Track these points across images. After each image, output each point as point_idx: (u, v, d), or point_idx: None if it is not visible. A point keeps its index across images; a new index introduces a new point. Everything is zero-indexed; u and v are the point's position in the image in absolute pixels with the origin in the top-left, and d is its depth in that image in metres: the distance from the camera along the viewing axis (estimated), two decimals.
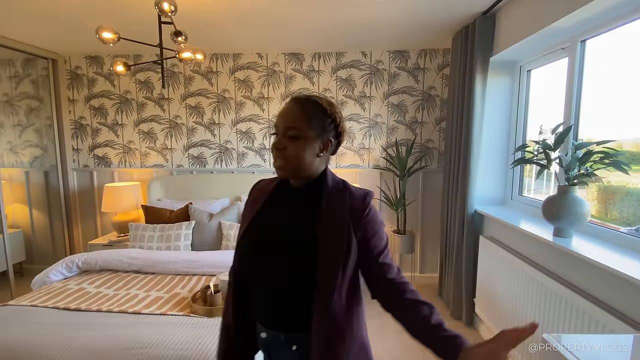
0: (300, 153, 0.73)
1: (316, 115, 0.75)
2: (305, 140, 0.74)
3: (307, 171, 0.77)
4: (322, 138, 0.76)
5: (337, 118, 0.79)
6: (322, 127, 0.76)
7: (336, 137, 0.80)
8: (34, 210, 3.36)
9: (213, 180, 3.01)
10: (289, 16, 2.12)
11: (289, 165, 0.74)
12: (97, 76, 3.18)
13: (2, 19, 2.26)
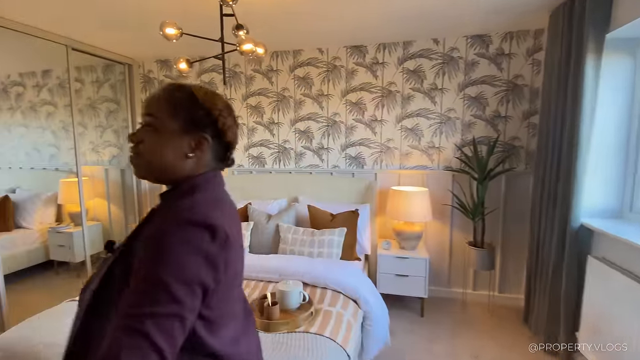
0: (155, 148, 0.60)
1: (184, 104, 0.61)
2: (164, 133, 0.60)
3: (169, 174, 0.62)
4: (193, 134, 0.61)
5: (214, 111, 0.62)
6: (192, 120, 0.61)
7: (217, 135, 0.64)
8: (112, 205, 3.64)
9: (271, 180, 2.94)
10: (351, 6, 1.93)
11: (142, 162, 0.61)
12: (166, 79, 3.32)
13: (85, 28, 2.42)
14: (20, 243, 3.15)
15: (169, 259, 0.50)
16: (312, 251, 2.15)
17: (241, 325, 0.67)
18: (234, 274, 0.61)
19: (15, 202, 3.30)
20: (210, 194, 0.62)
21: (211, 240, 0.54)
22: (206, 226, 0.54)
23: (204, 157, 0.64)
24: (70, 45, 2.69)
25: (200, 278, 0.52)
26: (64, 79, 3.63)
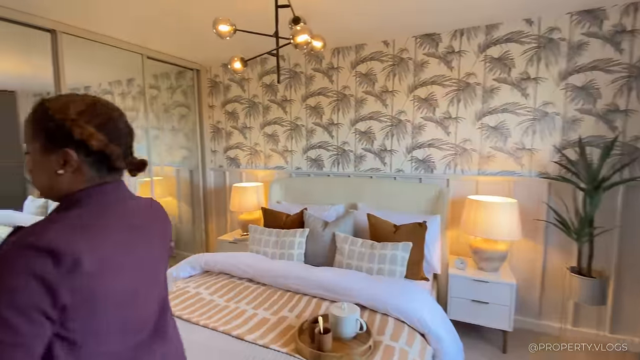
0: (32, 171, 0.63)
1: (39, 122, 0.60)
2: (34, 155, 0.61)
3: (52, 193, 0.63)
4: (56, 151, 0.60)
5: (66, 122, 0.59)
6: (49, 136, 0.59)
7: (80, 145, 0.60)
8: (182, 204, 3.87)
9: (329, 184, 2.78)
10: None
11: (34, 185, 0.64)
12: (231, 83, 3.38)
13: (157, 37, 2.55)
14: None
15: (1, 285, 0.49)
16: (372, 267, 1.92)
17: (142, 343, 0.64)
18: (108, 293, 0.57)
19: None
20: (87, 210, 0.60)
21: (53, 266, 0.50)
22: (48, 251, 0.50)
23: (80, 172, 0.61)
24: (146, 54, 2.87)
25: (37, 305, 0.49)
26: (143, 87, 3.97)
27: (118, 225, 0.62)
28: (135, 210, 0.68)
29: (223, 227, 3.64)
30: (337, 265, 2.04)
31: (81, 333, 0.55)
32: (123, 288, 0.60)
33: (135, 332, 0.64)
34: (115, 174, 0.67)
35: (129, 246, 0.62)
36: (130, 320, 0.63)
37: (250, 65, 3.21)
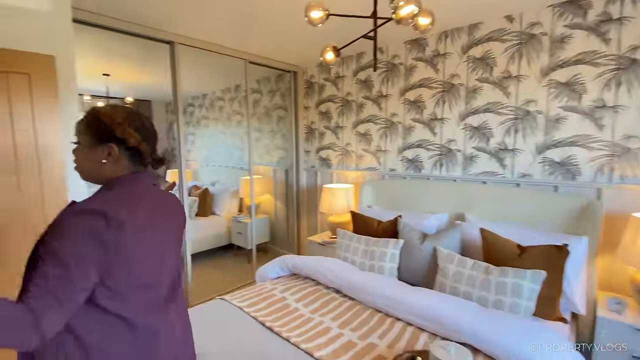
0: (81, 160, 0.80)
1: (92, 123, 0.79)
2: (84, 147, 0.79)
3: (94, 177, 0.81)
4: (102, 145, 0.78)
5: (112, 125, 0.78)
6: (98, 134, 0.78)
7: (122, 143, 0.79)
8: (277, 202, 4.00)
9: (429, 189, 2.42)
10: None
11: (78, 170, 0.82)
12: (325, 82, 3.31)
13: (260, 40, 2.63)
14: (213, 227, 3.86)
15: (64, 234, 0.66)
16: (486, 297, 1.53)
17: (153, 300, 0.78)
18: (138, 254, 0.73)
19: (212, 194, 4.10)
20: (123, 191, 0.76)
21: (105, 225, 0.68)
22: (101, 213, 0.68)
23: (119, 163, 0.80)
24: (248, 59, 3.01)
25: (90, 254, 0.66)
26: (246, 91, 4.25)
27: (147, 205, 0.79)
28: (159, 196, 0.86)
29: (313, 227, 3.61)
30: (439, 288, 1.70)
31: (117, 284, 0.71)
32: (150, 253, 0.77)
33: (155, 291, 0.79)
34: (144, 166, 0.85)
35: (155, 221, 0.80)
36: (151, 281, 0.78)
37: (346, 62, 3.08)
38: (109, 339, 0.71)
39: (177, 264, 0.89)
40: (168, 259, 0.84)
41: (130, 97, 4.49)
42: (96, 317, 0.70)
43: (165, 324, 0.80)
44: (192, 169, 5.18)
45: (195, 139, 5.15)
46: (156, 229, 0.80)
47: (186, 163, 5.44)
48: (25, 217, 1.63)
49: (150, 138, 0.85)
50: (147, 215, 0.78)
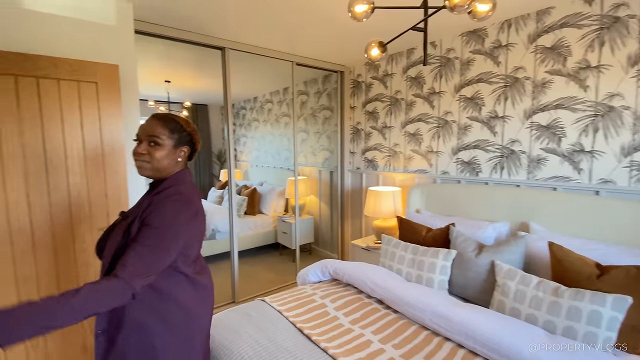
0: (160, 157, 0.97)
1: (176, 129, 1.01)
2: (165, 147, 0.98)
3: (165, 172, 1.00)
4: (181, 147, 1.02)
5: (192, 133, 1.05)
6: (180, 139, 1.02)
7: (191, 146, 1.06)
8: (322, 203, 3.98)
9: (488, 194, 2.19)
10: None
11: (150, 166, 0.98)
12: (373, 80, 3.20)
13: (307, 41, 2.61)
14: (260, 226, 3.96)
15: (164, 217, 0.91)
16: (554, 322, 1.32)
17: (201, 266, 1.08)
18: (199, 233, 1.02)
19: (260, 193, 4.21)
20: (187, 182, 1.03)
21: (189, 208, 0.96)
22: (187, 200, 0.96)
23: (184, 161, 1.06)
24: (295, 61, 3.02)
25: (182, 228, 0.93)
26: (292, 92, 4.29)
27: (195, 193, 1.04)
28: (194, 185, 1.08)
29: (358, 231, 3.52)
30: (496, 308, 1.51)
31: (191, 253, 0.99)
32: (201, 230, 1.03)
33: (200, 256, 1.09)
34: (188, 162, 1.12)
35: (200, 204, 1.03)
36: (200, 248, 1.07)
37: (395, 58, 2.94)
38: (175, 287, 0.97)
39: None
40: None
41: (189, 101, 4.80)
42: (170, 275, 0.95)
43: (209, 282, 1.10)
44: (243, 169, 5.39)
45: (246, 140, 5.35)
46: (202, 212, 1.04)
47: (237, 163, 5.68)
48: (91, 208, 1.79)
49: None
50: (198, 198, 1.03)
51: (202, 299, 1.04)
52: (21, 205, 1.60)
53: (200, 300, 1.03)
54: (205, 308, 1.06)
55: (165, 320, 0.95)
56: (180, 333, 0.97)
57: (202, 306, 1.04)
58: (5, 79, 1.54)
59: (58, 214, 1.70)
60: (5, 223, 1.57)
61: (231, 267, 2.76)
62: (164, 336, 0.95)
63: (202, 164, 5.62)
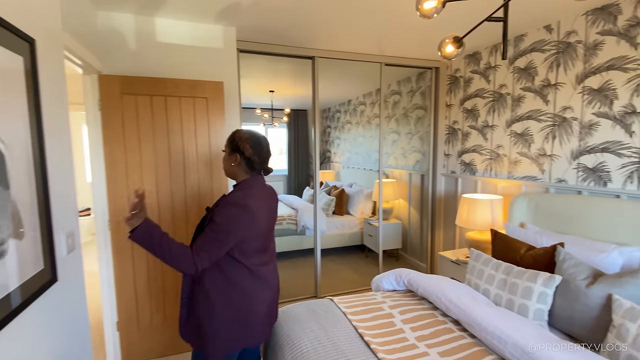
0: (223, 162, 1.33)
1: (230, 140, 1.29)
2: (225, 154, 1.31)
3: (230, 176, 1.32)
4: (234, 155, 1.27)
5: (239, 142, 1.26)
6: (232, 147, 1.28)
7: (242, 155, 1.27)
8: (412, 208, 3.79)
9: (618, 210, 1.72)
10: None
11: (223, 169, 1.34)
12: (473, 75, 2.89)
13: (396, 40, 2.55)
14: (347, 226, 4.04)
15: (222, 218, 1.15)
16: None
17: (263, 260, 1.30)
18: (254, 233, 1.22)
19: (348, 194, 4.28)
20: (247, 189, 1.25)
21: (244, 212, 1.17)
22: (242, 205, 1.17)
23: (240, 167, 1.29)
24: (384, 61, 2.96)
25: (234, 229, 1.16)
26: (387, 94, 4.20)
27: (260, 198, 1.25)
28: (265, 190, 1.32)
29: (450, 241, 3.23)
30: (609, 355, 1.18)
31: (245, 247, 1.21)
32: (261, 229, 1.24)
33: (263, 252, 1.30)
34: (257, 172, 1.32)
35: (263, 209, 1.26)
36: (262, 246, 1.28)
37: (500, 48, 2.58)
38: (236, 273, 1.22)
39: (273, 235, 1.39)
40: (270, 231, 1.34)
41: (289, 107, 5.24)
42: (230, 260, 1.21)
43: (267, 274, 1.30)
44: (335, 170, 5.58)
45: (340, 142, 5.51)
46: (266, 213, 1.27)
47: (330, 164, 5.90)
48: (200, 198, 2.17)
49: (262, 153, 1.29)
50: (262, 204, 1.24)
51: (259, 287, 1.26)
52: (151, 179, 2.06)
53: (258, 288, 1.26)
54: (262, 294, 1.27)
55: (226, 298, 1.20)
56: (237, 310, 1.21)
57: (258, 292, 1.26)
58: (144, 98, 2.00)
59: (176, 199, 2.12)
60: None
61: (314, 264, 2.90)
62: (224, 310, 1.20)
63: (301, 164, 6.04)
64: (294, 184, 6.05)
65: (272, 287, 1.32)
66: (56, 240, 1.07)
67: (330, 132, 5.83)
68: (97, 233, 2.02)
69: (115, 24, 2.00)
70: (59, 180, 1.12)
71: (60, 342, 1.09)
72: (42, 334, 0.98)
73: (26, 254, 0.89)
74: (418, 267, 3.64)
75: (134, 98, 1.98)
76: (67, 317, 1.15)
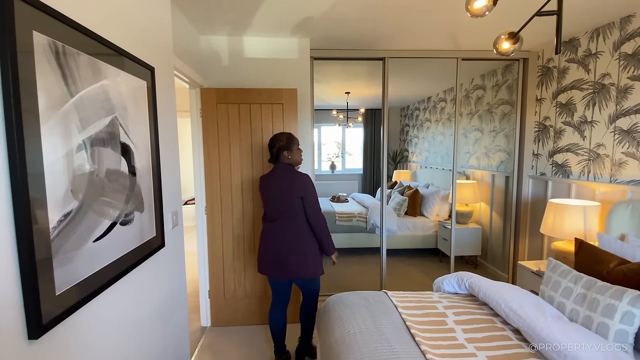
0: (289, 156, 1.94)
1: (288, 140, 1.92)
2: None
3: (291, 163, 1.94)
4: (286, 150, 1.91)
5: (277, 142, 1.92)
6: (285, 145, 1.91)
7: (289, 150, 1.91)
8: (494, 213, 3.50)
9: None
10: None
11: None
12: (570, 64, 2.55)
13: (474, 33, 2.44)
14: (419, 228, 3.95)
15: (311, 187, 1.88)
16: None
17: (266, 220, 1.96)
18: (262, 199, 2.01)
19: (423, 195, 4.17)
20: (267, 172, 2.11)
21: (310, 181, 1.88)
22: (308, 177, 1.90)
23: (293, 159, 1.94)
24: (460, 56, 2.84)
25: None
26: (469, 89, 3.94)
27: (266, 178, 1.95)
28: (272, 173, 1.92)
29: (536, 251, 2.91)
30: None
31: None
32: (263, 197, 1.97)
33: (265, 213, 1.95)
34: (276, 162, 1.94)
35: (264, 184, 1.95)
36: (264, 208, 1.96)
37: (603, 32, 2.24)
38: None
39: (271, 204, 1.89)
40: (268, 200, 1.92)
41: (363, 108, 5.32)
42: None
43: (264, 230, 1.93)
44: (412, 170, 5.45)
45: (417, 141, 5.37)
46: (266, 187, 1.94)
47: (407, 164, 5.79)
48: None
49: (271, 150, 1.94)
50: (265, 181, 1.94)
51: (262, 236, 1.94)
52: (237, 175, 2.44)
53: (262, 238, 1.94)
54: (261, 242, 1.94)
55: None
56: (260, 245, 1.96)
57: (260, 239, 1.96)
58: (234, 106, 2.39)
59: (257, 179, 2.46)
60: (229, 182, 2.44)
61: (380, 262, 2.97)
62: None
63: (375, 163, 6.07)
64: (368, 182, 6.12)
65: (263, 240, 1.92)
66: (165, 217, 1.44)
67: (409, 130, 5.71)
68: (196, 217, 2.49)
69: (213, 45, 2.44)
70: (168, 171, 1.48)
71: (166, 289, 1.46)
72: (153, 281, 1.34)
73: (145, 223, 1.24)
74: (498, 276, 3.36)
75: (226, 106, 2.37)
76: (170, 272, 1.52)
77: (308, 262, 1.83)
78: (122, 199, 1.06)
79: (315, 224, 1.83)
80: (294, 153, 1.91)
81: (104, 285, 0.97)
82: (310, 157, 2.63)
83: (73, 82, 0.83)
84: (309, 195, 1.82)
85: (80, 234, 0.86)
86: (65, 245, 0.80)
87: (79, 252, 0.85)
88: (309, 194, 1.83)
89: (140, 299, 1.23)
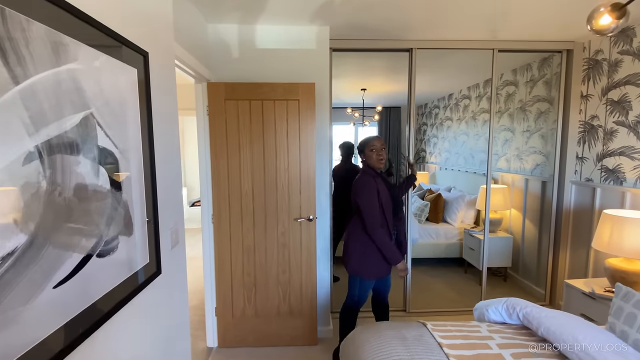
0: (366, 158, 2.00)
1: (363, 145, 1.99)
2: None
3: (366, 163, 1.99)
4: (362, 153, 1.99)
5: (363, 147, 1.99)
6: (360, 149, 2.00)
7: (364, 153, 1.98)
8: (527, 221, 3.19)
9: None
10: None
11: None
12: (623, 56, 2.23)
13: (513, 21, 2.14)
14: (442, 235, 3.64)
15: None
16: None
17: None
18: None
19: (446, 200, 3.86)
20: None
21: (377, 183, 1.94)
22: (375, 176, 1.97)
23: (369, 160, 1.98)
24: (497, 47, 2.53)
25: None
26: (498, 86, 3.62)
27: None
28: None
29: (580, 266, 2.59)
30: None
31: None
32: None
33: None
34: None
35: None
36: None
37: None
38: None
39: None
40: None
41: (380, 105, 5.02)
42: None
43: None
44: (430, 172, 5.13)
45: (437, 141, 5.05)
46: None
47: (425, 165, 5.47)
48: (289, 184, 2.20)
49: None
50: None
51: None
52: (247, 181, 2.17)
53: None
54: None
55: None
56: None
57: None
58: (244, 103, 2.12)
59: (269, 185, 2.19)
60: (238, 188, 2.18)
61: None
62: None
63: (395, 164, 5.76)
64: None
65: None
66: (162, 236, 1.18)
67: (426, 130, 5.39)
68: (203, 224, 2.24)
69: (221, 35, 2.17)
70: (165, 180, 1.22)
71: (162, 331, 1.20)
72: (143, 324, 1.08)
73: (135, 249, 0.98)
74: (533, 292, 3.04)
75: (235, 103, 2.11)
76: (168, 307, 1.26)
77: (351, 259, 1.94)
78: (100, 222, 0.80)
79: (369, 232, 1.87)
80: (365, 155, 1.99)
81: (72, 343, 0.72)
82: (328, 158, 2.37)
83: (18, 61, 0.57)
84: (359, 201, 1.90)
85: (30, 281, 0.60)
86: (3, 301, 0.54)
87: (29, 308, 0.60)
88: (359, 199, 1.90)
89: (127, 348, 0.97)
